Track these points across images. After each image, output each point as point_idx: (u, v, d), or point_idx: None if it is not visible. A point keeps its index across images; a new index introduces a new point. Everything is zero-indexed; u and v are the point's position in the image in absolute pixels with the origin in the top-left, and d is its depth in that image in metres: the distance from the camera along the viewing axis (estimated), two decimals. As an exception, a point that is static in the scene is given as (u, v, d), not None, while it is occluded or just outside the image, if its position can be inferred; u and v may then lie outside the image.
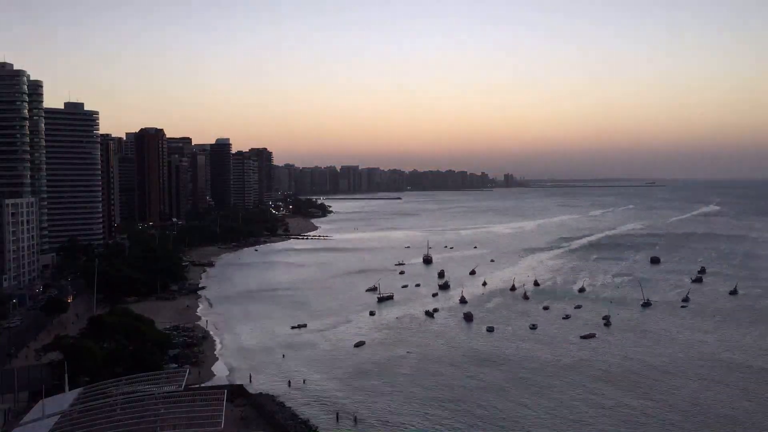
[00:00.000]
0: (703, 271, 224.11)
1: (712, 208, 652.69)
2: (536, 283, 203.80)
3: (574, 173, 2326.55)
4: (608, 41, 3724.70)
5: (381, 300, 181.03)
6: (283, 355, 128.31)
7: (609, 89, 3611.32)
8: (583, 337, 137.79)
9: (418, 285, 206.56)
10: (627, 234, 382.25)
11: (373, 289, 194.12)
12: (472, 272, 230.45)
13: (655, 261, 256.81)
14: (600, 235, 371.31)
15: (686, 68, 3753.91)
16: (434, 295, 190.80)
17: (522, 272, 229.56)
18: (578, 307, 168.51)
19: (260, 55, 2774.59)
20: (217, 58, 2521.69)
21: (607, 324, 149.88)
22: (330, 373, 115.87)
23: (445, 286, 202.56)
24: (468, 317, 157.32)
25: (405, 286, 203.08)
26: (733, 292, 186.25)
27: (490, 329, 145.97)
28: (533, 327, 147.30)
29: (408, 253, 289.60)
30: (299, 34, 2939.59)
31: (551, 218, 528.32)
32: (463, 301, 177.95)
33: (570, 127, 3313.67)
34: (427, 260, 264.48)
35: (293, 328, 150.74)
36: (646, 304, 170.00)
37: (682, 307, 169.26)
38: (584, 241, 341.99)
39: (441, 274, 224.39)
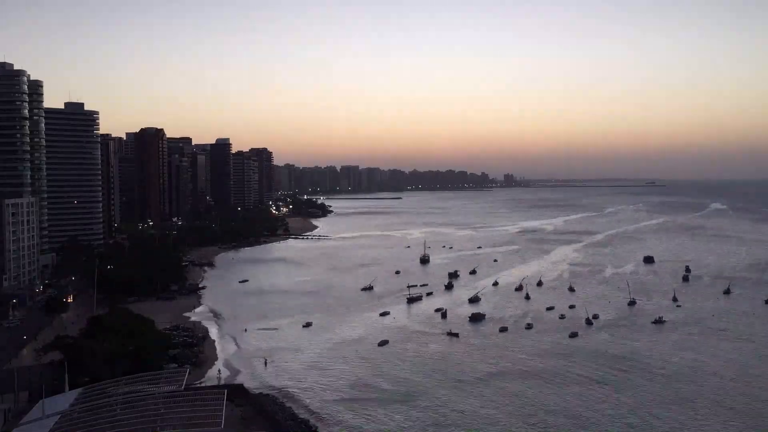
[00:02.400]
0: (688, 270, 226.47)
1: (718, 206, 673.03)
2: (539, 283, 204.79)
3: (575, 173, 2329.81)
4: (607, 43, 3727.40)
5: (411, 300, 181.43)
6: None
7: (609, 91, 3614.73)
8: (571, 336, 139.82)
9: (425, 285, 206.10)
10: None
11: (369, 288, 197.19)
12: (473, 272, 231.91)
13: (648, 260, 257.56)
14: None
15: (685, 70, 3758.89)
16: (428, 294, 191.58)
17: (526, 272, 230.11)
18: (572, 306, 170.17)
19: (261, 55, 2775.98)
20: (218, 58, 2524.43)
21: (589, 323, 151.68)
22: (336, 372, 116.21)
23: (449, 287, 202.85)
24: (476, 317, 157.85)
25: (413, 286, 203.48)
26: (727, 292, 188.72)
27: (504, 329, 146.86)
28: (529, 326, 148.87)
29: (409, 253, 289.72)
30: (300, 34, 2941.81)
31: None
32: (473, 300, 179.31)
33: (571, 128, 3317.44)
34: (424, 260, 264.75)
35: (304, 327, 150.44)
36: (632, 303, 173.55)
37: (678, 306, 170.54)
38: (585, 240, 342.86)
39: (454, 275, 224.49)
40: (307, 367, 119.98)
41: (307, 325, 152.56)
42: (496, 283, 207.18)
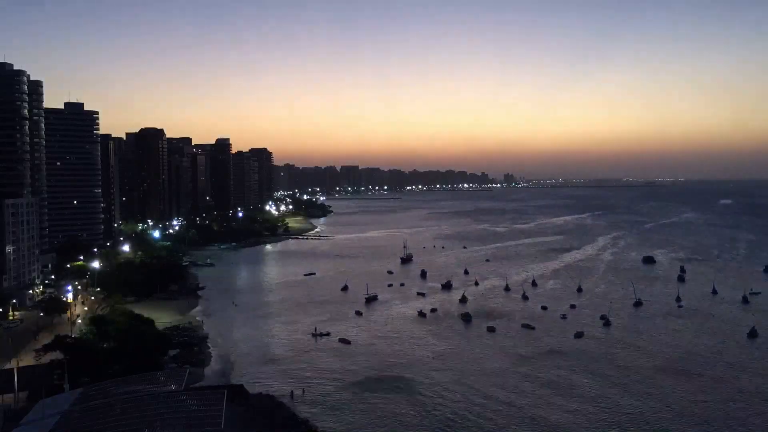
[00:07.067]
0: (683, 270, 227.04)
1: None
2: (534, 283, 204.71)
3: (576, 174, 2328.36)
4: (609, 43, 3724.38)
5: (368, 300, 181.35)
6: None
7: (609, 92, 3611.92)
8: (576, 336, 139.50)
9: (402, 284, 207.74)
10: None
11: (345, 288, 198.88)
12: (466, 272, 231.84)
13: (648, 261, 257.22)
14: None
15: (684, 73, 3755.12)
16: (420, 294, 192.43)
17: (517, 272, 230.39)
18: (573, 306, 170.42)
19: (260, 56, 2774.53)
20: (217, 58, 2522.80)
21: (606, 324, 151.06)
22: (329, 373, 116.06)
23: (447, 286, 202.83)
24: (466, 317, 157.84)
25: (390, 285, 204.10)
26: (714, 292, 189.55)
27: (491, 329, 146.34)
28: (530, 327, 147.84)
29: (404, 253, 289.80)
30: (300, 34, 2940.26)
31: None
32: (463, 300, 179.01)
33: (571, 129, 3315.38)
34: (406, 259, 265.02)
35: (315, 335, 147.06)
36: (638, 304, 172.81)
37: (680, 307, 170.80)
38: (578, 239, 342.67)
39: (423, 274, 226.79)
40: (304, 366, 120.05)
41: (303, 323, 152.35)
42: (476, 283, 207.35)
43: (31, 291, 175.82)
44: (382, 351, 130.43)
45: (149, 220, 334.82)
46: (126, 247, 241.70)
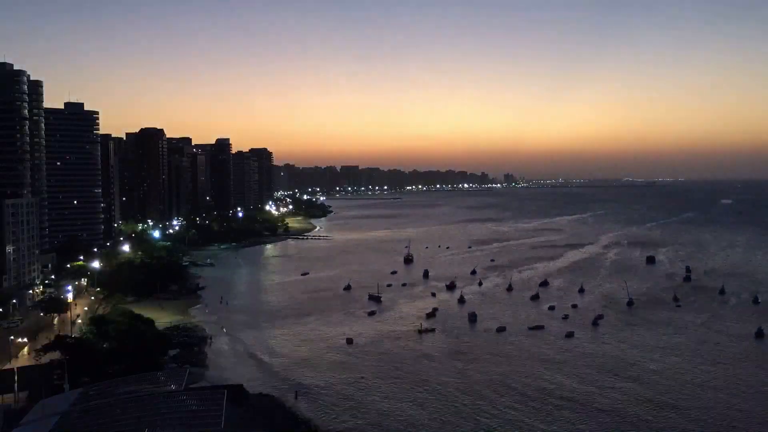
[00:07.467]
0: (689, 270, 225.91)
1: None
2: (543, 283, 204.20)
3: (576, 174, 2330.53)
4: (611, 44, 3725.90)
5: (373, 299, 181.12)
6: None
7: (609, 91, 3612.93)
8: (568, 336, 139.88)
9: (404, 284, 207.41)
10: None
11: (348, 288, 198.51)
12: (474, 272, 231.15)
13: (650, 260, 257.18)
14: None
15: (685, 72, 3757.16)
16: (433, 294, 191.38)
17: (522, 271, 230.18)
18: (574, 306, 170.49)
19: (260, 55, 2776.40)
20: (218, 58, 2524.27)
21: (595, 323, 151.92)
22: (329, 371, 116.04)
23: (452, 286, 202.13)
24: (472, 317, 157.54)
25: (389, 285, 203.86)
26: (722, 292, 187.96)
27: (501, 329, 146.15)
28: (538, 327, 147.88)
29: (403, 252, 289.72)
30: (299, 34, 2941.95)
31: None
32: (461, 300, 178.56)
33: (571, 129, 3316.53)
34: (408, 260, 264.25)
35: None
36: (630, 303, 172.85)
37: (678, 306, 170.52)
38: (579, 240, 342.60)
39: (425, 274, 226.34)
40: (303, 365, 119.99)
41: (305, 323, 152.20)
42: (480, 283, 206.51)
43: (31, 291, 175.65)
44: (388, 351, 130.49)
45: (149, 220, 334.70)
46: (126, 247, 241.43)
